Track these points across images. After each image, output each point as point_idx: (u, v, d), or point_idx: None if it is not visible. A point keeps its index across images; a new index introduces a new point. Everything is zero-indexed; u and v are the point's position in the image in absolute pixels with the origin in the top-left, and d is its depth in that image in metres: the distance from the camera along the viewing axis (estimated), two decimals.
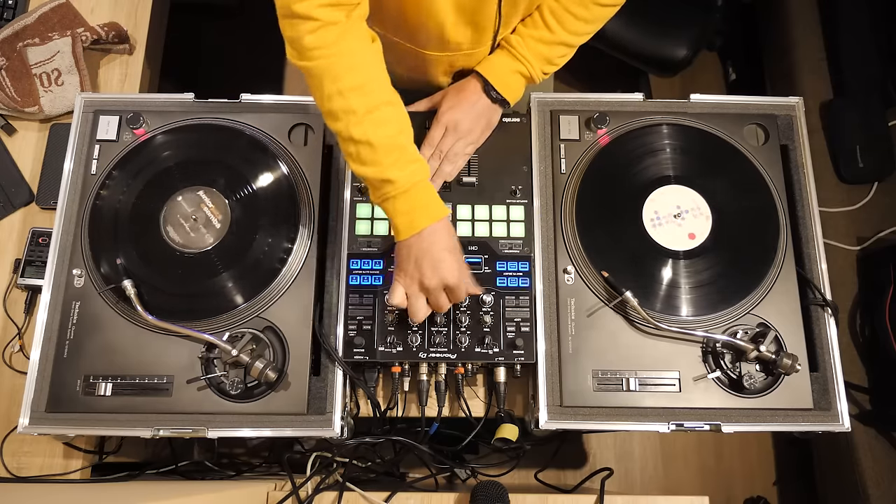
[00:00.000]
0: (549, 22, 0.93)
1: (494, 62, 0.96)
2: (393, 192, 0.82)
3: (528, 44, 0.94)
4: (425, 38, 0.96)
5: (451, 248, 0.85)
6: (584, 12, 0.93)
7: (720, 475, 1.93)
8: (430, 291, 0.85)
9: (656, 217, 0.99)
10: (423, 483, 1.24)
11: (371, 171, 0.82)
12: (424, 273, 0.83)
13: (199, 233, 0.97)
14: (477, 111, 0.95)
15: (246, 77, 2.15)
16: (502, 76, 0.95)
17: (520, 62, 0.94)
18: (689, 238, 0.98)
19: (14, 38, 1.19)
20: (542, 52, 0.94)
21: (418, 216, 0.82)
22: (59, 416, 0.91)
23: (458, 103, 0.95)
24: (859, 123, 1.71)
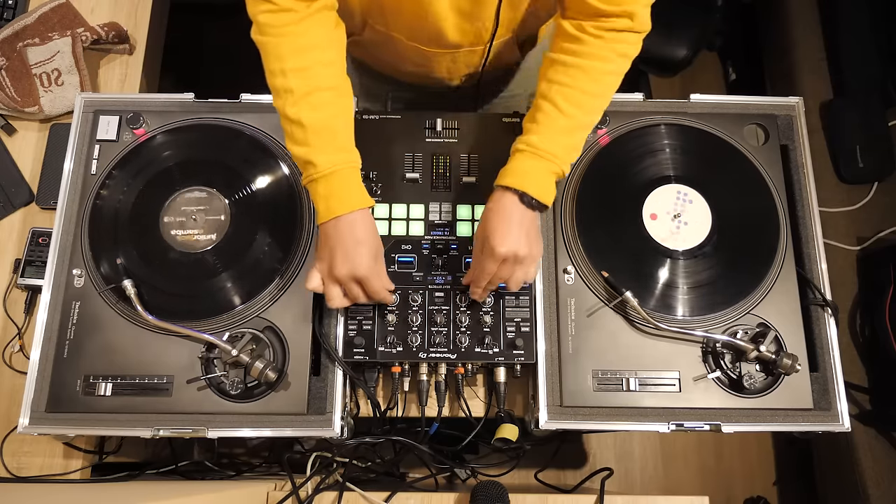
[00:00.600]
0: (563, 108, 0.84)
1: (523, 170, 0.85)
2: (315, 175, 0.83)
3: (551, 139, 0.85)
4: (425, 36, 0.96)
5: (366, 240, 0.84)
6: (595, 87, 0.86)
7: (720, 475, 1.93)
8: (341, 280, 0.85)
9: (656, 217, 0.99)
10: (423, 483, 1.24)
11: (300, 152, 0.83)
12: (335, 261, 0.84)
13: (198, 233, 0.97)
14: (526, 229, 0.85)
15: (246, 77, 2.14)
16: (537, 182, 0.85)
17: (549, 161, 0.84)
18: (689, 238, 0.98)
19: (14, 38, 1.19)
20: (567, 142, 0.86)
21: (336, 202, 0.83)
22: (59, 416, 0.91)
23: (508, 231, 0.84)
24: (859, 123, 1.71)
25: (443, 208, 1.00)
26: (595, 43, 0.84)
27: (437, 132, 1.04)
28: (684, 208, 0.99)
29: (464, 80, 1.10)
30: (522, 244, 0.84)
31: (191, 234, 0.97)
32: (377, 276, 0.87)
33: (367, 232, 0.85)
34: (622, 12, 0.82)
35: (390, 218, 0.99)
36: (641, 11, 0.83)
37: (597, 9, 0.81)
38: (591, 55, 0.84)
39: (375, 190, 1.00)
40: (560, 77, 0.85)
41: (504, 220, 0.84)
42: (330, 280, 0.86)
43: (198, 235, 0.97)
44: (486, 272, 0.86)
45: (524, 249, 0.84)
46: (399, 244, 0.97)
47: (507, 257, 0.84)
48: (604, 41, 0.84)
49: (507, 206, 0.85)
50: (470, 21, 0.92)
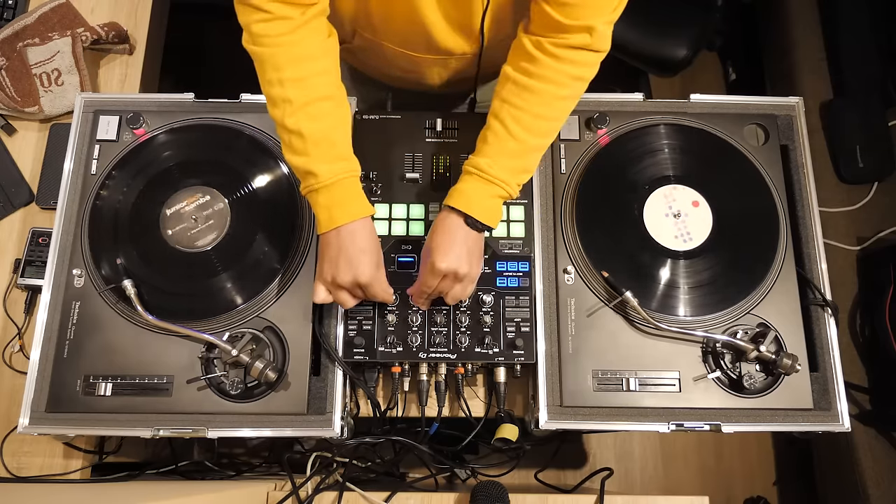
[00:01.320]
0: (513, 131, 0.84)
1: (469, 193, 0.86)
2: (316, 185, 0.83)
3: (499, 163, 0.85)
4: (415, 44, 0.96)
5: (368, 248, 0.86)
6: (547, 111, 0.86)
7: (720, 475, 1.93)
8: (345, 287, 0.87)
9: (656, 217, 0.99)
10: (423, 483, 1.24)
11: (299, 162, 0.84)
12: (339, 270, 0.85)
13: (199, 233, 0.97)
14: (468, 248, 0.87)
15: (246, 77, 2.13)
16: (482, 205, 0.86)
17: (495, 185, 0.85)
18: (689, 238, 0.98)
19: (14, 38, 1.19)
20: (515, 165, 0.86)
21: (338, 212, 0.84)
22: (59, 416, 0.91)
23: (450, 248, 0.85)
24: (859, 123, 1.71)
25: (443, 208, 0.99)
26: (550, 65, 0.83)
27: (437, 132, 1.04)
28: (684, 208, 0.99)
29: (456, 86, 1.10)
30: (463, 263, 0.86)
31: (191, 234, 0.97)
32: (379, 283, 0.88)
33: (368, 240, 0.86)
34: (581, 27, 0.80)
35: (390, 218, 0.99)
36: (601, 28, 0.81)
37: (556, 22, 0.80)
38: (545, 78, 0.83)
39: (375, 190, 1.00)
40: (512, 98, 0.85)
41: (447, 238, 0.86)
42: (335, 288, 0.87)
43: (198, 235, 0.97)
44: (427, 285, 0.88)
45: (464, 268, 0.86)
46: (399, 244, 0.97)
47: (448, 274, 0.86)
48: (559, 62, 0.83)
49: (452, 225, 0.86)
50: (459, 28, 0.92)
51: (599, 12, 0.80)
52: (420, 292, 0.91)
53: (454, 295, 0.89)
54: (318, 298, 0.88)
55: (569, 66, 0.83)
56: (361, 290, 0.88)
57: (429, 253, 0.87)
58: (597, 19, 0.80)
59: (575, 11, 0.79)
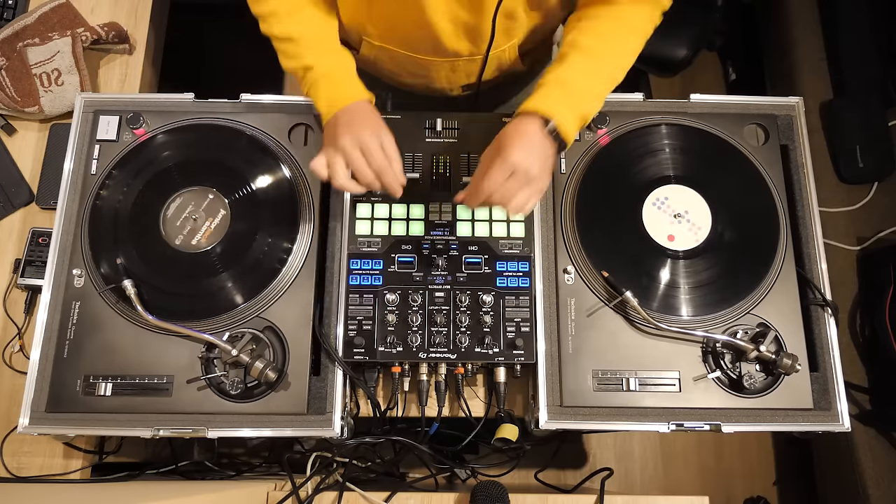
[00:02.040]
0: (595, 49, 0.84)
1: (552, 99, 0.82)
2: (314, 77, 0.87)
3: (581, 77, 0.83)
4: (423, 47, 0.96)
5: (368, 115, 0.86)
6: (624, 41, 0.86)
7: (720, 475, 1.93)
8: (343, 149, 0.83)
9: (656, 217, 0.99)
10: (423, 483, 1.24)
11: (295, 63, 0.89)
12: (338, 132, 0.83)
13: (199, 233, 0.97)
14: (544, 155, 0.81)
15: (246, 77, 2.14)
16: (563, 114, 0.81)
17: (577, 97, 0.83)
18: (689, 238, 0.98)
19: (14, 38, 1.19)
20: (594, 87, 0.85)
21: (336, 97, 0.86)
22: (59, 416, 0.91)
23: (527, 145, 0.79)
24: (859, 123, 1.71)
25: (443, 208, 1.00)
26: (627, 7, 0.85)
27: (437, 132, 1.04)
28: (684, 208, 0.99)
29: (464, 88, 1.10)
30: (536, 163, 0.79)
31: (191, 233, 0.97)
32: (378, 139, 0.83)
33: (368, 110, 0.87)
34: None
35: (390, 218, 0.99)
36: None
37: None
38: (621, 16, 0.85)
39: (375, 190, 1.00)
40: (590, 26, 0.86)
41: (524, 136, 0.80)
42: (334, 152, 0.83)
43: (198, 235, 0.97)
44: (493, 180, 0.79)
45: (536, 169, 0.79)
46: (399, 244, 0.98)
47: (518, 169, 0.78)
48: (634, 6, 0.85)
49: (529, 128, 0.81)
50: (467, 30, 0.92)
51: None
52: (480, 189, 0.81)
53: (518, 202, 0.80)
54: (315, 163, 0.84)
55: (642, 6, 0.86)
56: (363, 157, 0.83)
57: (499, 147, 0.80)
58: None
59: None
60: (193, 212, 0.98)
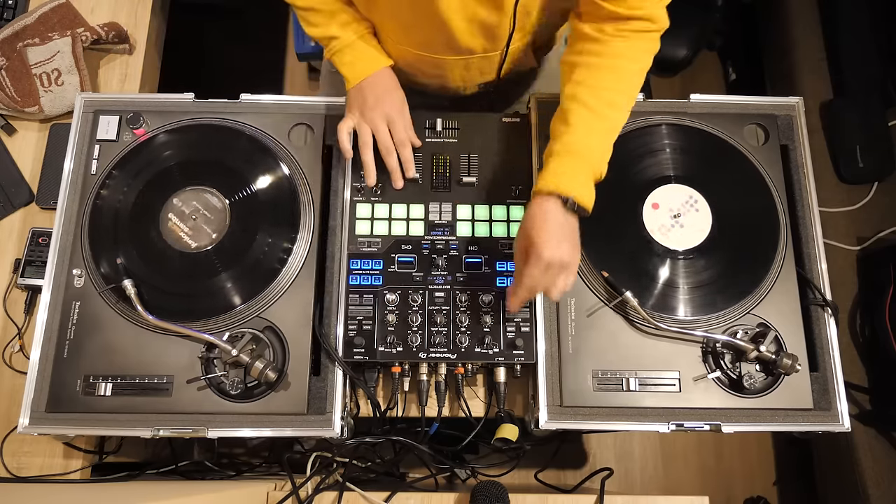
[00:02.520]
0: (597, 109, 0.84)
1: (564, 172, 0.83)
2: (338, 46, 0.95)
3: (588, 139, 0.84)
4: (436, 45, 0.96)
5: (393, 88, 0.97)
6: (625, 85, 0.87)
7: (720, 475, 1.93)
8: (372, 121, 0.95)
9: (656, 217, 0.99)
10: (423, 483, 1.24)
11: (319, 31, 0.96)
12: (367, 104, 0.95)
13: (199, 233, 0.97)
14: (571, 234, 0.83)
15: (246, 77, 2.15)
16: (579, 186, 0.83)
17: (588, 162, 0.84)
18: (689, 238, 0.98)
19: (14, 38, 1.19)
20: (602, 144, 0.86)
21: (361, 66, 0.96)
22: (59, 416, 0.91)
23: (554, 235, 0.81)
24: (859, 123, 1.71)
25: (443, 208, 1.00)
26: (619, 44, 0.84)
27: (437, 132, 1.04)
28: (684, 208, 0.99)
29: (480, 87, 1.10)
30: (566, 250, 0.82)
31: (191, 233, 0.97)
32: (404, 120, 0.97)
33: (393, 83, 0.97)
34: (641, 15, 0.82)
35: (390, 218, 0.99)
36: (659, 12, 0.84)
37: (615, 13, 0.82)
38: (617, 54, 0.84)
39: (375, 190, 1.00)
40: (588, 79, 0.85)
41: (547, 225, 0.82)
42: (362, 120, 0.95)
43: (198, 235, 0.97)
44: (531, 278, 0.82)
45: (568, 255, 0.82)
46: (399, 244, 0.98)
47: (552, 263, 0.81)
48: (626, 41, 0.84)
49: (549, 211, 0.82)
50: (483, 27, 0.92)
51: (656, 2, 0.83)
52: (525, 289, 0.84)
53: (559, 287, 0.83)
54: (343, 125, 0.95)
55: (637, 41, 0.85)
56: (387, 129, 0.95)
57: (528, 245, 0.82)
58: (654, 7, 0.83)
59: (633, 2, 0.81)
60: (193, 212, 0.98)
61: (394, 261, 0.97)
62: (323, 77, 1.32)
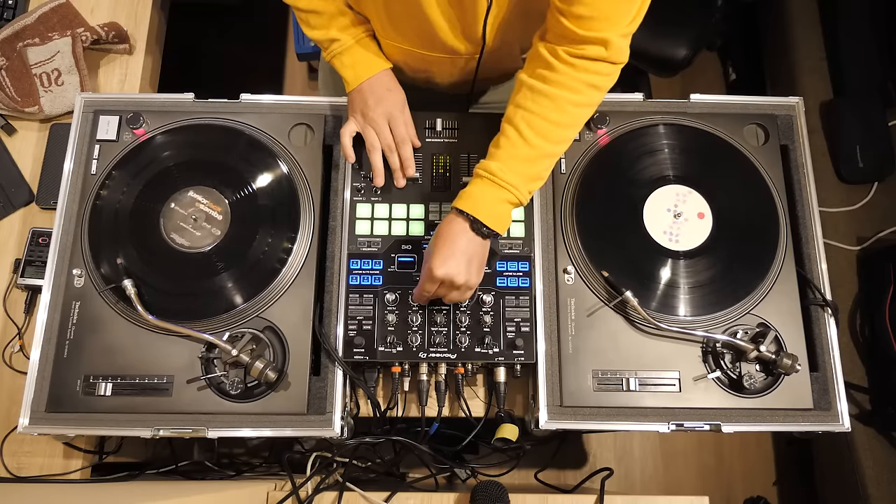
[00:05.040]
0: (526, 136, 0.83)
1: (478, 196, 0.85)
2: (339, 49, 0.96)
3: (511, 167, 0.84)
4: (421, 41, 0.96)
5: (394, 88, 0.97)
6: (561, 117, 0.84)
7: (720, 475, 1.93)
8: (374, 121, 0.96)
9: (656, 217, 0.99)
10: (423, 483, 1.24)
11: (319, 34, 0.96)
12: (368, 105, 0.95)
13: (199, 233, 0.97)
14: (469, 256, 0.85)
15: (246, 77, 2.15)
16: (490, 209, 0.84)
17: (505, 190, 0.84)
18: (689, 238, 0.98)
19: (14, 38, 1.19)
20: (527, 171, 0.85)
21: (361, 68, 0.96)
22: (59, 416, 0.91)
23: (450, 255, 0.84)
24: (859, 123, 1.71)
25: (443, 208, 1.00)
26: (566, 71, 0.82)
27: (437, 132, 1.04)
28: (684, 208, 0.99)
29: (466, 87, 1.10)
30: (461, 271, 0.85)
31: (191, 233, 0.97)
32: (405, 120, 0.98)
33: (393, 84, 0.98)
34: (596, 39, 0.80)
35: (390, 218, 0.99)
36: (616, 41, 0.80)
37: (571, 32, 0.79)
38: (561, 84, 0.83)
39: (375, 190, 1.00)
40: (527, 103, 0.84)
41: (448, 243, 0.85)
42: (365, 123, 0.96)
43: (198, 235, 0.97)
44: (424, 289, 0.89)
45: (461, 277, 0.85)
46: (399, 244, 0.98)
47: (444, 281, 0.85)
48: (575, 70, 0.82)
49: (455, 230, 0.85)
50: (462, 30, 0.92)
51: (615, 25, 0.80)
52: (419, 295, 0.91)
53: (450, 299, 0.90)
54: (346, 128, 0.97)
55: (584, 73, 0.83)
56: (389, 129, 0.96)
57: (427, 256, 0.87)
58: (612, 32, 0.80)
59: (590, 24, 0.79)
60: (193, 212, 0.98)
61: (394, 261, 0.97)
62: (321, 78, 1.32)
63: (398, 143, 0.98)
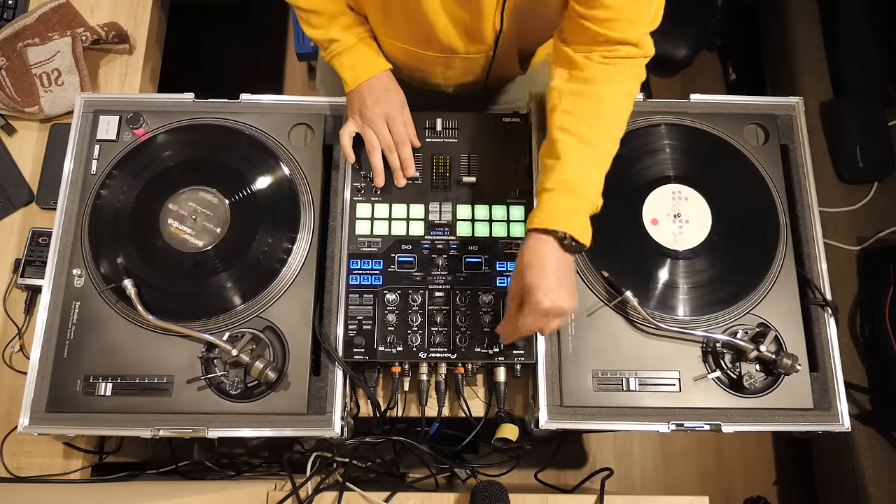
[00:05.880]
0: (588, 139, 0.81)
1: (560, 209, 0.79)
2: (338, 49, 0.96)
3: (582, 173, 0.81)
4: (417, 40, 0.96)
5: (392, 89, 0.97)
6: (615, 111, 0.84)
7: (720, 475, 1.93)
8: (372, 121, 0.95)
9: (656, 217, 0.99)
10: (423, 483, 1.24)
11: (319, 34, 0.96)
12: (366, 105, 0.95)
13: (199, 233, 0.97)
14: (565, 278, 0.79)
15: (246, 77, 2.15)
16: (576, 222, 0.79)
17: (583, 197, 0.80)
18: (689, 238, 0.98)
19: (14, 38, 1.19)
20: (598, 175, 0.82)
21: (361, 69, 0.96)
22: (59, 416, 0.91)
23: (554, 282, 0.77)
24: (859, 123, 1.71)
25: (443, 208, 1.00)
26: (606, 69, 0.82)
27: (437, 132, 1.04)
28: (684, 208, 0.99)
29: (463, 87, 1.10)
30: (566, 297, 0.78)
31: (191, 233, 0.97)
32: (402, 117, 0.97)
33: (391, 84, 0.98)
34: (625, 39, 0.81)
35: (390, 218, 0.99)
36: (644, 39, 0.83)
37: (600, 35, 0.80)
38: (605, 80, 0.82)
39: (375, 190, 1.00)
40: (577, 108, 0.82)
41: (545, 270, 0.78)
42: (364, 124, 0.96)
43: (198, 235, 0.97)
44: (528, 327, 0.81)
45: (567, 302, 0.78)
46: (399, 244, 0.98)
47: (551, 312, 0.78)
48: (613, 66, 0.83)
49: (546, 253, 0.78)
50: (465, 29, 0.92)
51: (640, 26, 0.82)
52: (519, 334, 0.84)
53: (552, 328, 0.81)
54: (345, 130, 0.97)
55: (624, 67, 0.84)
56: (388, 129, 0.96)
57: (527, 292, 0.79)
58: (639, 32, 0.82)
59: (615, 25, 0.80)
60: (193, 212, 0.98)
61: (394, 261, 0.97)
62: (319, 77, 1.32)
63: (397, 143, 0.98)
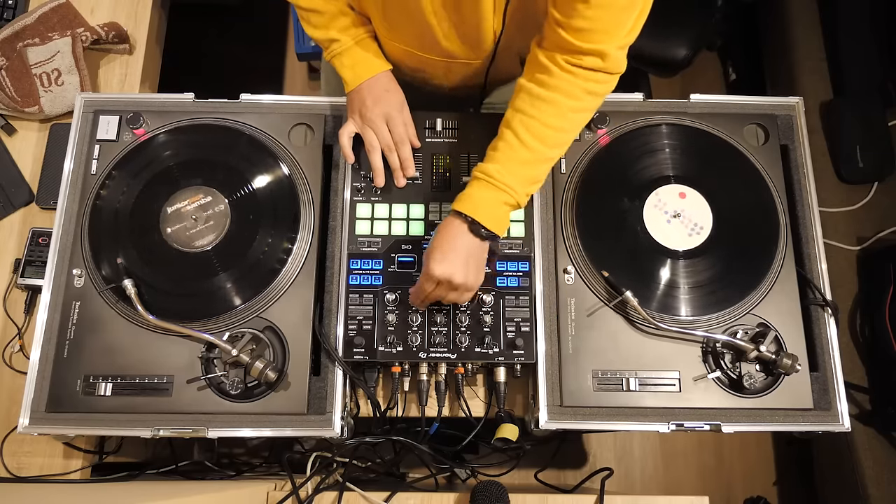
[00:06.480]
0: (524, 139, 0.84)
1: (476, 198, 0.85)
2: (339, 49, 0.96)
3: (509, 169, 0.84)
4: (417, 42, 0.97)
5: (392, 89, 0.97)
6: (559, 122, 0.85)
7: (720, 475, 1.93)
8: (372, 121, 0.95)
9: (656, 217, 0.99)
10: (423, 483, 1.24)
11: (320, 33, 0.96)
12: (366, 105, 0.95)
13: (198, 233, 0.97)
14: (467, 257, 0.86)
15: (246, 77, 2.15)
16: (488, 211, 0.84)
17: (504, 191, 0.84)
18: (689, 238, 0.98)
19: (14, 38, 1.19)
20: (525, 174, 0.85)
21: (361, 69, 0.96)
22: (59, 416, 0.91)
23: (447, 254, 0.85)
24: (859, 123, 1.71)
25: (443, 208, 1.00)
26: (565, 78, 0.83)
27: (437, 132, 1.04)
28: (684, 208, 0.99)
29: (464, 90, 1.10)
30: (459, 271, 0.85)
31: (191, 234, 0.97)
32: (402, 117, 0.97)
33: (391, 84, 0.98)
34: (593, 50, 0.80)
35: (390, 218, 0.99)
36: (614, 53, 0.81)
37: (569, 43, 0.80)
38: (559, 89, 0.83)
39: (375, 190, 1.00)
40: (526, 107, 0.84)
41: (447, 243, 0.85)
42: (364, 124, 0.96)
43: (198, 235, 0.97)
44: (422, 289, 0.89)
45: (459, 277, 0.85)
46: (399, 244, 0.98)
47: (442, 281, 0.85)
48: (573, 76, 0.83)
49: (454, 231, 0.86)
50: (463, 37, 0.93)
51: (612, 38, 0.80)
52: (416, 295, 0.91)
53: (450, 300, 0.90)
54: (344, 130, 0.97)
55: (582, 81, 0.83)
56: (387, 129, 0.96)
57: (426, 257, 0.87)
58: (609, 44, 0.80)
59: (588, 36, 0.79)
60: (193, 212, 0.98)
61: (394, 261, 0.97)
62: (324, 78, 1.32)
63: (397, 143, 0.98)
